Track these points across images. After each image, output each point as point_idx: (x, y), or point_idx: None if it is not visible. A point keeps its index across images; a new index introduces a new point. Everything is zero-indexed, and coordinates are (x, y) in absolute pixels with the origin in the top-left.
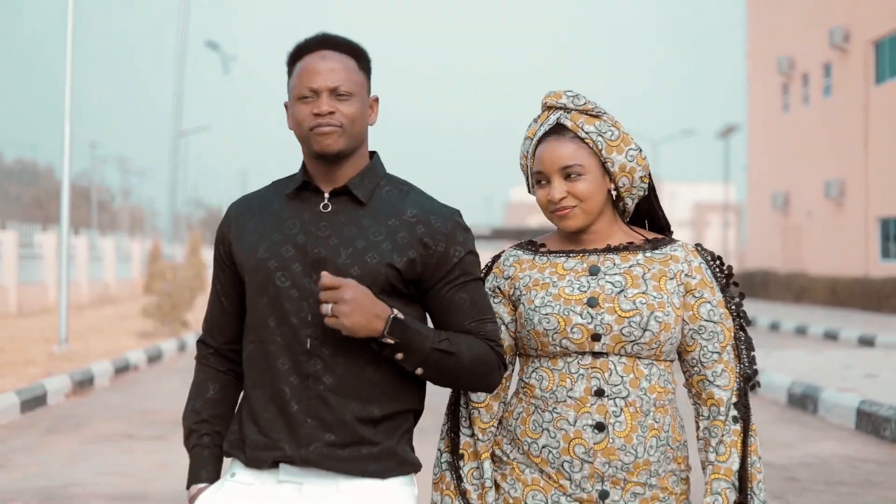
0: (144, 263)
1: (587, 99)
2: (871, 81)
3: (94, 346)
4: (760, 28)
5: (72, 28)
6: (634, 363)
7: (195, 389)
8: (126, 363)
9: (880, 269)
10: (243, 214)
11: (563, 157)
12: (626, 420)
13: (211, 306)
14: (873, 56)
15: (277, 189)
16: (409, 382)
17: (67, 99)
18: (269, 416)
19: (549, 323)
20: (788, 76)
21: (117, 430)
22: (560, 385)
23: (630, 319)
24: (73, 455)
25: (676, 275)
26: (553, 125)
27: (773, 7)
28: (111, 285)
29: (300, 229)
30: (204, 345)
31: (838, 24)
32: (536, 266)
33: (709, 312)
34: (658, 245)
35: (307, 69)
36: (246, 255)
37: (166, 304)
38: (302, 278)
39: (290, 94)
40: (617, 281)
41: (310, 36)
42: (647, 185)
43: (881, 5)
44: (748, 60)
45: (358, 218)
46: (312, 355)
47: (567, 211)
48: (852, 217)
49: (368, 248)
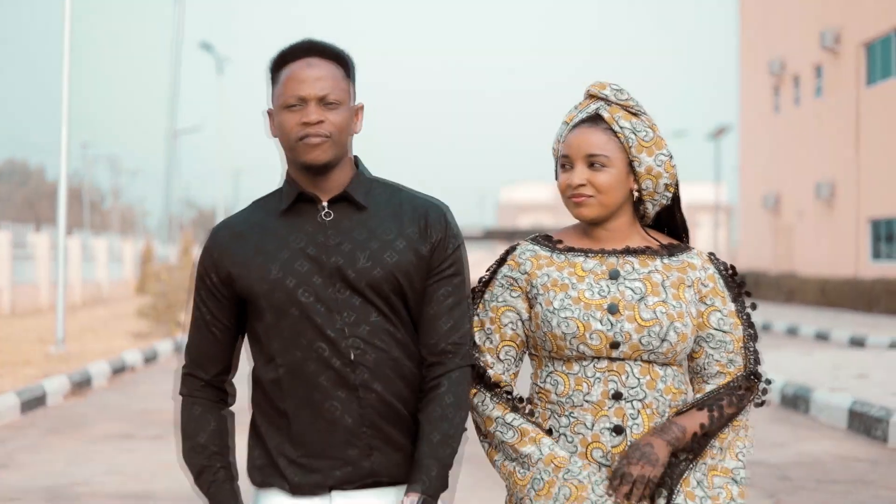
0: (137, 264)
1: (630, 95)
2: (862, 83)
3: (90, 346)
4: (752, 30)
5: (69, 31)
6: (650, 366)
7: (195, 424)
8: (123, 364)
9: (871, 270)
10: (235, 239)
11: (591, 145)
12: (644, 422)
13: (197, 338)
14: (864, 58)
15: (265, 207)
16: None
17: (65, 102)
18: (318, 435)
19: (567, 327)
20: (780, 77)
21: (118, 431)
22: (576, 389)
23: (650, 329)
24: (77, 455)
25: (694, 283)
26: (591, 114)
27: (765, 9)
28: (104, 286)
29: (308, 241)
30: (193, 378)
31: (829, 26)
32: (555, 264)
33: (718, 321)
34: (674, 251)
35: (294, 77)
36: (256, 279)
37: (161, 304)
38: (325, 290)
39: (275, 101)
40: (637, 287)
41: (294, 42)
42: (672, 195)
43: (872, 8)
44: (740, 62)
45: (363, 221)
46: (358, 365)
47: (583, 199)
48: (843, 218)
49: (385, 248)
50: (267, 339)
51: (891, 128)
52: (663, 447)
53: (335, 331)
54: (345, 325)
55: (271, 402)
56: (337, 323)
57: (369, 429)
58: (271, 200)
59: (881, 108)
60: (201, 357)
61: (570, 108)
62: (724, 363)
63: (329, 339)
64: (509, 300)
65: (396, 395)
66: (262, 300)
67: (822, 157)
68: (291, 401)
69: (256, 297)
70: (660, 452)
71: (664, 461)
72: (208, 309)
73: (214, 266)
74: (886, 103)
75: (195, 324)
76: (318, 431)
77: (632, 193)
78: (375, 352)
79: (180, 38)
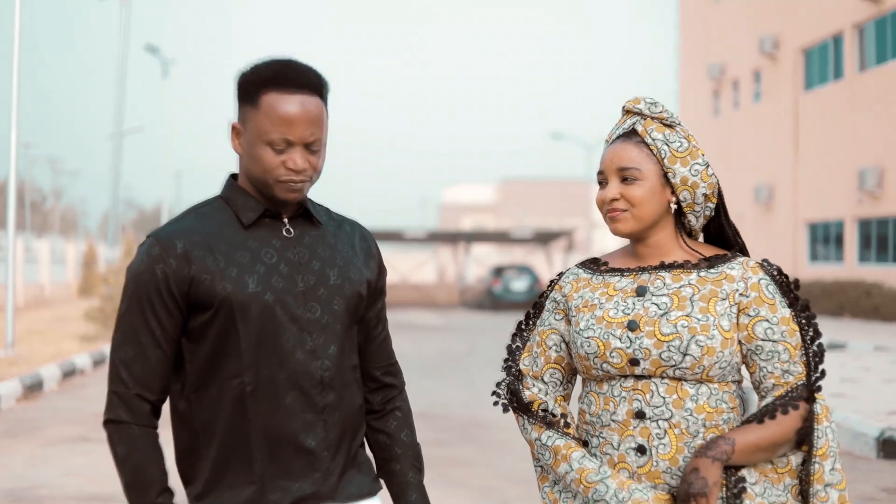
0: (79, 266)
1: (665, 108)
2: (800, 88)
3: (38, 350)
4: (692, 35)
5: (18, 35)
6: (678, 384)
7: (147, 456)
8: (73, 367)
9: (808, 272)
10: (198, 247)
11: (623, 159)
12: (671, 442)
13: (143, 355)
14: (802, 63)
15: (217, 218)
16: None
17: (14, 106)
18: (280, 458)
19: (589, 347)
20: (719, 82)
21: (73, 434)
22: (604, 409)
23: (669, 343)
24: (35, 458)
25: (729, 295)
26: (627, 130)
27: (705, 14)
28: (46, 287)
29: (279, 258)
30: (141, 400)
31: (768, 32)
32: (591, 285)
33: (766, 331)
34: (715, 263)
35: (283, 116)
36: (232, 289)
37: (109, 307)
38: (296, 309)
39: (254, 131)
40: (662, 303)
41: (276, 62)
42: (715, 206)
43: (810, 14)
44: (680, 66)
45: (322, 237)
46: (325, 387)
47: (618, 213)
48: (781, 221)
49: (348, 265)
50: (224, 355)
51: (828, 132)
52: (709, 466)
53: (304, 352)
54: (315, 346)
55: (228, 421)
56: (307, 343)
57: (331, 452)
58: (220, 211)
59: (818, 112)
60: (148, 375)
61: (613, 127)
62: (778, 374)
63: (298, 359)
64: (553, 323)
65: (354, 416)
66: (238, 312)
67: (760, 161)
68: (254, 420)
69: (228, 308)
70: (708, 474)
71: (716, 479)
72: (159, 322)
73: (173, 272)
74: (823, 108)
75: (138, 339)
76: (279, 453)
77: (670, 206)
78: (341, 374)
79: (126, 40)
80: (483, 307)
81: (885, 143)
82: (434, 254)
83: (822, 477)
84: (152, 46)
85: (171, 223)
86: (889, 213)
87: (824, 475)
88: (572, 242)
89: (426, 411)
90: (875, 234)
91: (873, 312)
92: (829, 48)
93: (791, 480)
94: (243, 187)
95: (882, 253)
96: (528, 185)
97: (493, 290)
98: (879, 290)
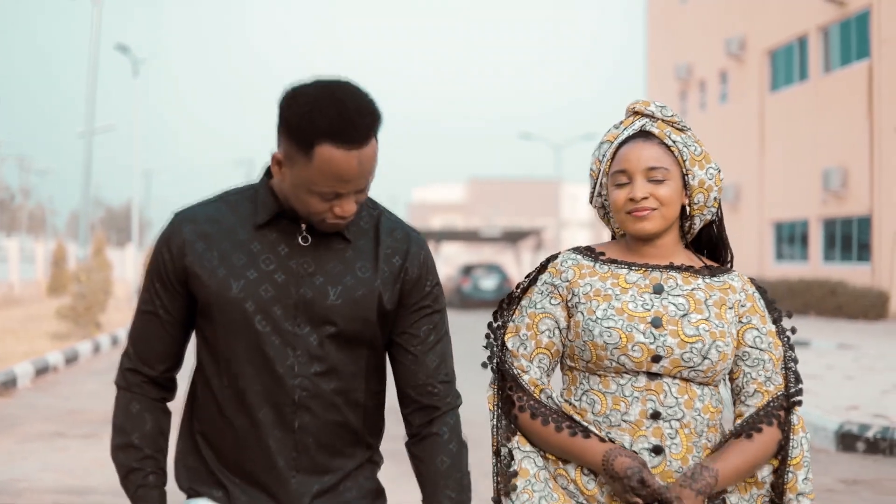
0: (48, 264)
1: (674, 112)
2: (766, 89)
3: (11, 347)
4: (660, 36)
5: None
6: (688, 385)
7: (131, 421)
8: (46, 364)
9: (774, 271)
10: (202, 239)
11: (651, 158)
12: (682, 442)
13: (146, 332)
14: (768, 65)
15: (237, 211)
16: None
17: None
18: (253, 467)
19: (610, 337)
20: (686, 83)
21: (49, 430)
22: (614, 409)
23: (692, 345)
24: (12, 454)
25: (734, 304)
26: (638, 131)
27: (672, 16)
28: (16, 286)
29: (278, 265)
30: (135, 373)
31: (735, 33)
32: (598, 274)
33: (755, 339)
34: (716, 272)
35: (340, 174)
36: (215, 290)
37: (80, 305)
38: (284, 322)
39: (303, 178)
40: (680, 303)
41: (335, 109)
42: (716, 211)
43: (776, 16)
44: (647, 67)
45: (341, 251)
46: (301, 407)
47: (647, 212)
48: (748, 220)
49: (358, 286)
50: (212, 348)
51: (793, 133)
52: (692, 499)
53: (285, 367)
54: (296, 363)
55: (218, 410)
56: (288, 359)
57: (302, 475)
58: (244, 204)
59: (784, 113)
60: (149, 352)
61: (610, 128)
62: (761, 381)
63: (276, 374)
64: (548, 307)
65: (342, 441)
66: (216, 313)
67: (727, 161)
68: (235, 422)
69: (210, 305)
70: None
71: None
72: (161, 301)
73: (172, 257)
74: (789, 109)
75: (144, 315)
76: (247, 466)
77: (682, 209)
78: (321, 396)
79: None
80: (453, 305)
81: (848, 145)
82: None
83: (796, 486)
84: (123, 46)
85: (198, 206)
86: (853, 212)
87: (797, 484)
88: (541, 241)
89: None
90: (839, 233)
91: (837, 311)
92: (795, 50)
93: (758, 490)
94: (274, 189)
95: (846, 252)
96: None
97: (462, 289)
98: (844, 289)
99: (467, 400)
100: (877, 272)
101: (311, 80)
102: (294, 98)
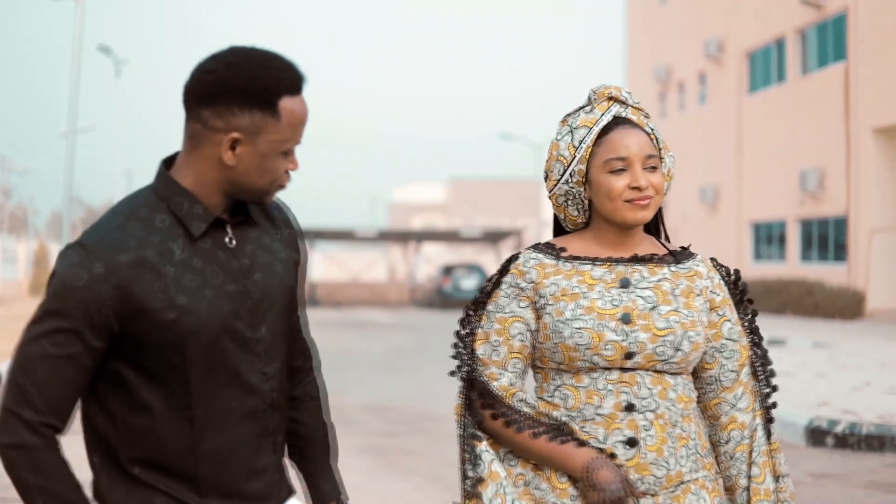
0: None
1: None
2: (745, 90)
3: None
4: (639, 37)
5: None
6: (661, 376)
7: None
8: None
9: (752, 271)
10: (141, 268)
11: (647, 146)
12: (657, 433)
13: (58, 379)
14: (746, 66)
15: (158, 227)
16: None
17: None
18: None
19: (581, 338)
20: (665, 84)
21: None
22: (587, 402)
23: (664, 339)
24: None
25: (702, 291)
26: (615, 116)
27: (652, 17)
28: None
29: (224, 276)
30: (48, 428)
31: (713, 35)
32: (562, 272)
33: (729, 331)
34: (680, 259)
35: (301, 120)
36: (181, 317)
37: None
38: (245, 332)
39: (273, 141)
40: (648, 296)
41: (277, 62)
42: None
43: (754, 18)
44: (627, 68)
45: (259, 240)
46: (275, 408)
47: (648, 200)
48: (726, 221)
49: (284, 266)
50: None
51: (771, 134)
52: None
53: (256, 375)
54: (263, 368)
55: (166, 451)
56: (256, 366)
57: (277, 472)
58: (158, 216)
59: (762, 114)
60: (61, 402)
61: (580, 114)
62: (737, 371)
63: (251, 385)
64: (517, 311)
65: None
66: (189, 342)
67: (705, 162)
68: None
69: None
70: None
71: None
72: (85, 344)
73: (113, 295)
74: (767, 110)
75: (57, 361)
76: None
77: None
78: (284, 391)
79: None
80: (433, 305)
81: (825, 146)
82: (385, 253)
83: (780, 469)
84: (105, 46)
85: (114, 230)
86: (830, 213)
87: (780, 467)
88: (521, 242)
89: (377, 404)
90: (816, 233)
91: (814, 310)
92: (773, 52)
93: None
94: (189, 189)
95: (823, 252)
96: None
97: (442, 289)
98: (820, 289)
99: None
100: (853, 272)
101: (218, 54)
102: (233, 71)
